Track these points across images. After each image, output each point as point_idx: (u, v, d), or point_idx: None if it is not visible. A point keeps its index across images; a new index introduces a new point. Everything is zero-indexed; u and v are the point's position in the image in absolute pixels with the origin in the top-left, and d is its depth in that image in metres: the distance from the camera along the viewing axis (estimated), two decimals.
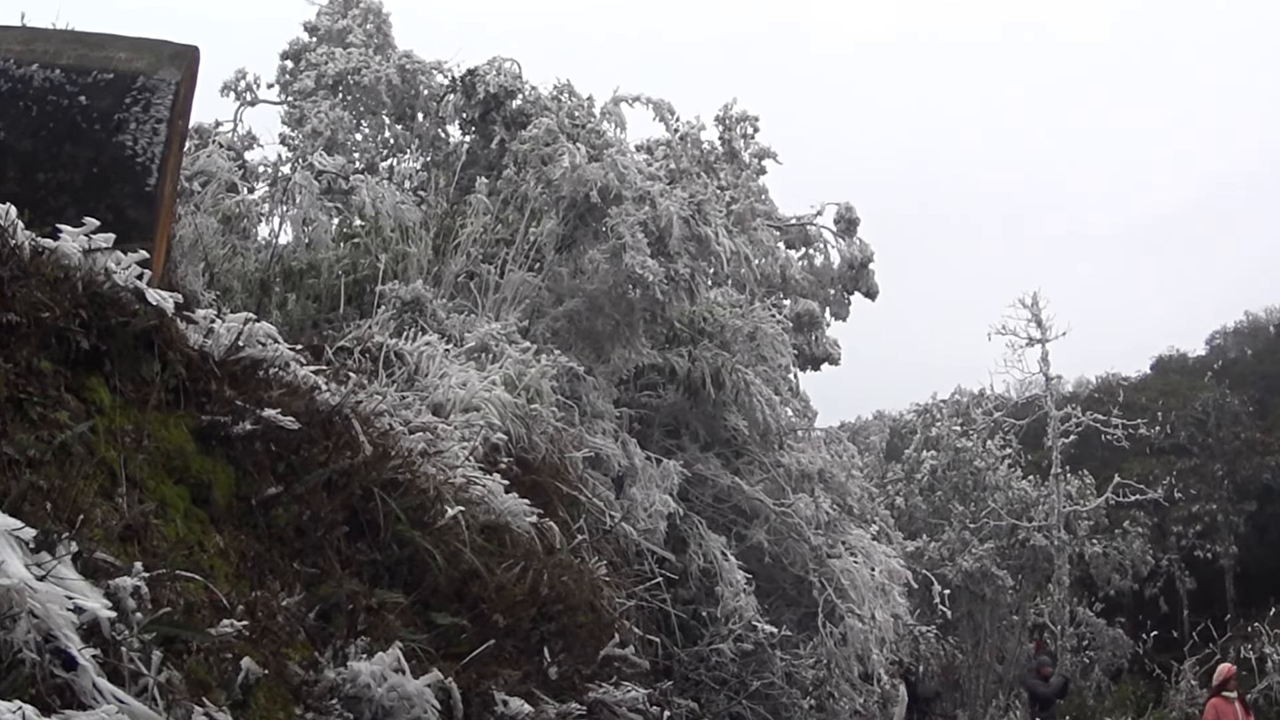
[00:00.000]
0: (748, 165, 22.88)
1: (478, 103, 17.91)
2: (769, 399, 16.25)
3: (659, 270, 13.41)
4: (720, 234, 14.44)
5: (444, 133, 19.99)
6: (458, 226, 14.04)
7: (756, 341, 16.92)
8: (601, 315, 14.06)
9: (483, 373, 10.23)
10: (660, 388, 15.81)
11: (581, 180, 13.87)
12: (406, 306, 12.09)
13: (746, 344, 16.76)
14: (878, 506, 27.47)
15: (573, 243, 14.25)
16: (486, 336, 11.38)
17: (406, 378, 9.69)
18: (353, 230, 14.21)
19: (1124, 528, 37.75)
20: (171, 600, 4.11)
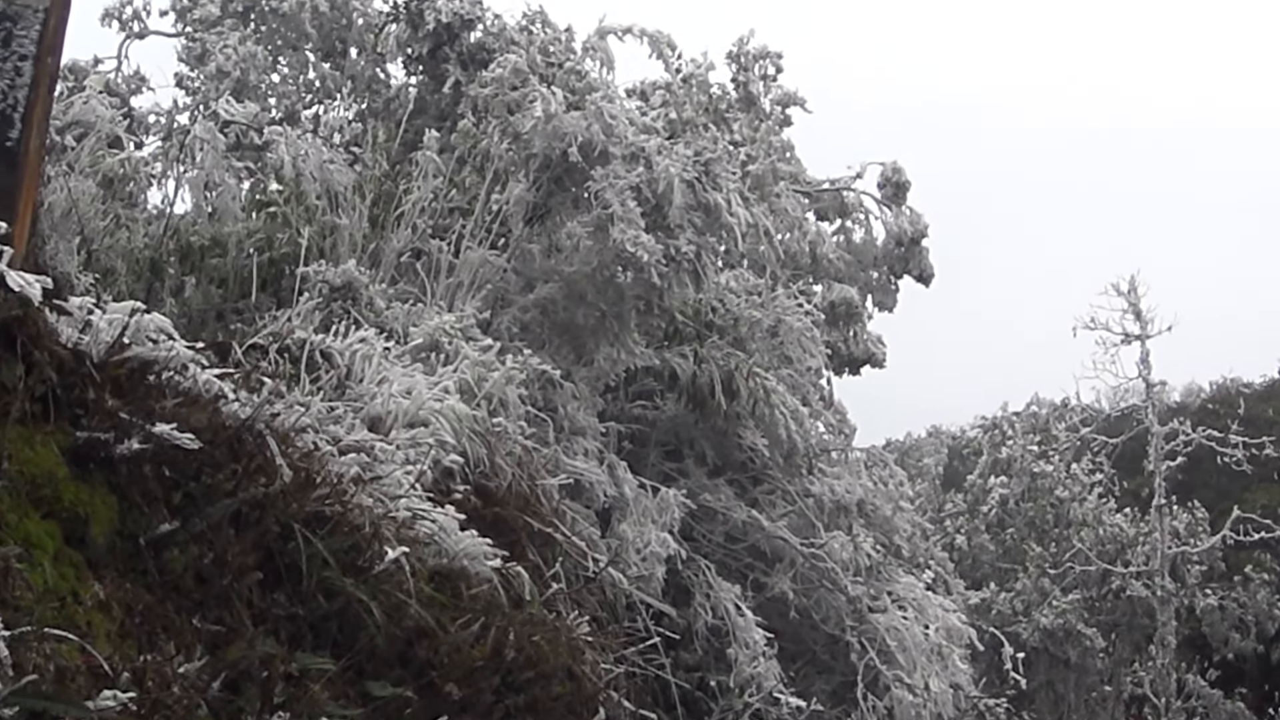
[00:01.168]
0: (768, 115, 22.93)
1: (426, 35, 17.94)
2: (795, 411, 16.27)
3: (655, 248, 13.44)
4: (733, 202, 14.47)
5: (384, 73, 20.02)
6: (401, 192, 14.06)
7: (779, 338, 16.94)
8: (583, 305, 14.06)
9: (432, 377, 10.24)
10: (658, 396, 15.81)
11: (558, 133, 13.89)
12: (336, 293, 12.10)
13: (767, 341, 16.77)
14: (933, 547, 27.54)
15: (547, 212, 14.26)
16: (437, 331, 11.38)
17: (336, 383, 9.69)
18: (268, 197, 14.22)
19: (1245, 574, 37.75)
20: (39, 665, 4.12)
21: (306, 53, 20.92)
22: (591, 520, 12.92)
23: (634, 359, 14.65)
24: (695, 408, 15.75)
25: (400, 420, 9.23)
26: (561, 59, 17.33)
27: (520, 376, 11.13)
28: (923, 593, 17.36)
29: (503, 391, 10.68)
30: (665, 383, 15.72)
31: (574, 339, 14.24)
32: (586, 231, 13.91)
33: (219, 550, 5.50)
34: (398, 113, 17.77)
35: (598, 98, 14.54)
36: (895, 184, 23.08)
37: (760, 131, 22.16)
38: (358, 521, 6.49)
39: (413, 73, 18.80)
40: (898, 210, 23.00)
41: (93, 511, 5.18)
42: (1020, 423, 40.29)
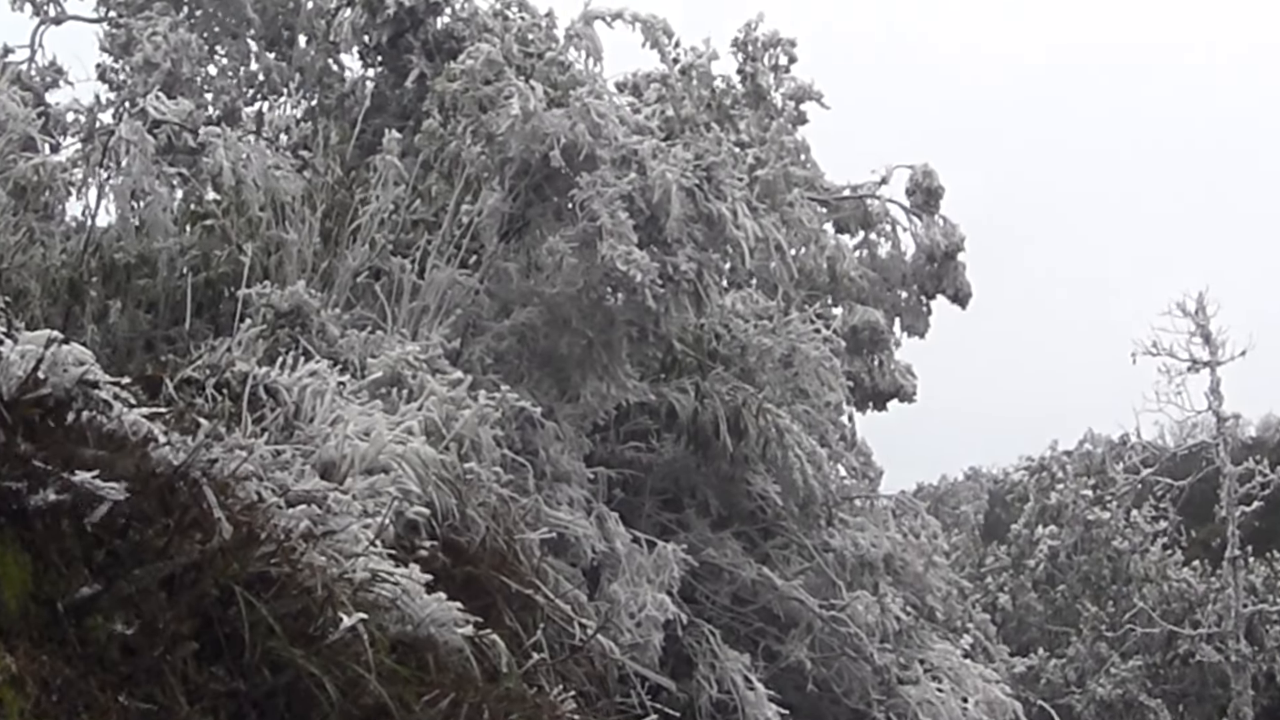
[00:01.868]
0: (779, 111, 22.97)
1: (386, 21, 18.01)
2: (812, 452, 16.27)
3: (650, 266, 13.46)
4: (740, 212, 14.50)
5: (337, 65, 20.07)
6: (357, 202, 14.08)
7: (794, 368, 16.95)
8: (567, 332, 14.08)
9: (394, 417, 10.25)
10: (654, 437, 15.81)
11: (537, 134, 13.92)
12: (283, 319, 12.11)
13: (779, 372, 16.79)
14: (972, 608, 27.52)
15: (525, 225, 14.28)
16: (399, 363, 11.39)
17: (283, 424, 9.71)
18: (204, 208, 14.23)
19: None
20: None
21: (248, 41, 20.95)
22: (578, 580, 12.90)
23: (626, 394, 14.66)
24: (697, 450, 15.74)
25: (357, 466, 9.24)
26: (542, 48, 17.40)
27: (495, 415, 11.14)
28: (960, 661, 17.35)
29: (475, 432, 10.69)
30: (662, 421, 15.71)
31: (557, 371, 14.25)
32: (571, 247, 13.93)
33: (149, 617, 5.51)
34: (353, 111, 17.79)
35: (583, 93, 14.56)
36: (926, 190, 23.12)
37: (771, 131, 22.18)
38: (308, 583, 6.49)
39: (370, 64, 18.86)
40: (929, 220, 23.03)
41: (3, 573, 5.19)
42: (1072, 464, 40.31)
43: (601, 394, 14.33)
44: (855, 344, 21.22)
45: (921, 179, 23.14)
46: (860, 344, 21.47)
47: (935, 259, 22.84)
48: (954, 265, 22.93)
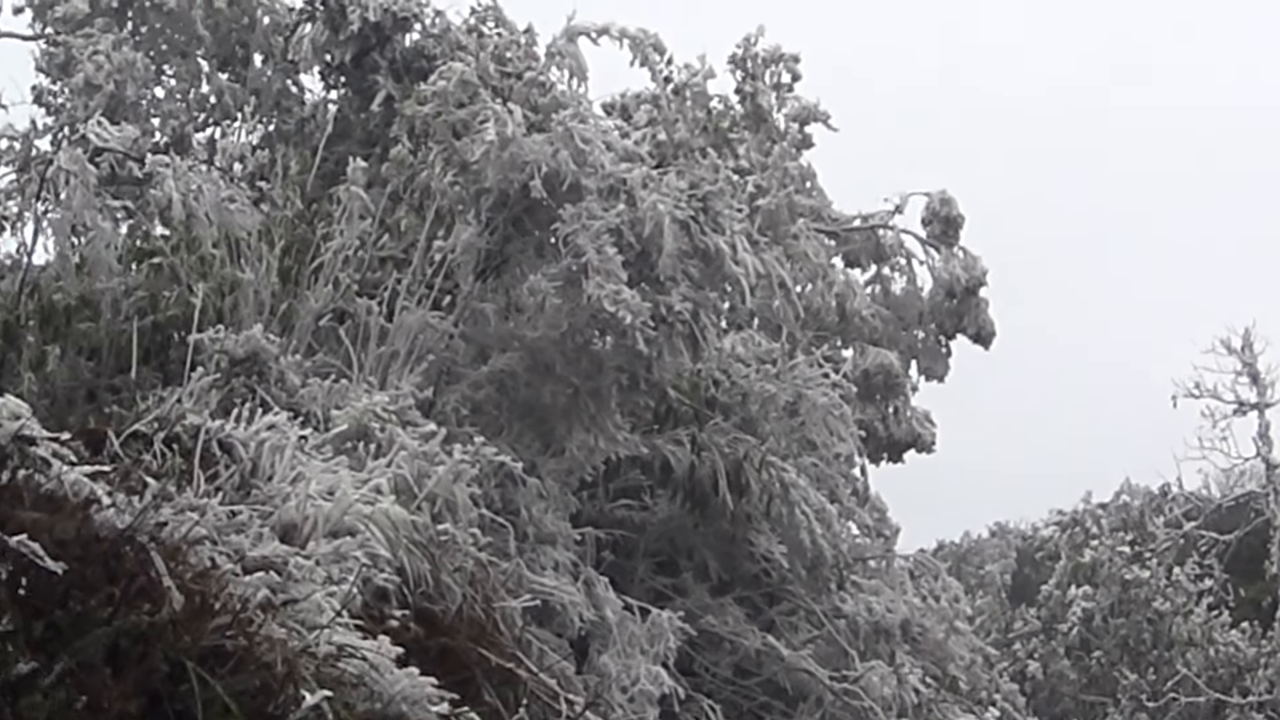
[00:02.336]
0: (782, 134, 23.03)
1: (350, 38, 18.05)
2: (820, 509, 16.29)
3: (641, 306, 13.49)
4: (740, 246, 14.55)
5: (296, 86, 20.14)
6: (319, 238, 14.10)
7: (800, 417, 16.96)
8: (551, 379, 14.09)
9: (361, 474, 10.25)
10: (647, 494, 15.82)
11: (516, 162, 13.97)
12: (238, 367, 12.12)
13: (784, 422, 16.80)
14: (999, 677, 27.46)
15: (503, 263, 14.32)
16: (366, 415, 11.40)
17: (239, 482, 9.71)
18: (152, 244, 14.24)
19: None
20: None
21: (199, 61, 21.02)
22: (564, 651, 12.89)
23: (616, 447, 14.67)
24: (694, 508, 15.74)
25: (320, 528, 9.24)
26: (520, 68, 17.41)
27: (472, 471, 11.14)
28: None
29: (450, 491, 10.68)
30: (656, 477, 15.72)
31: (540, 423, 14.25)
32: (554, 286, 13.96)
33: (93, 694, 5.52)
34: (314, 137, 17.81)
35: (566, 116, 14.61)
36: (944, 219, 23.18)
37: (773, 155, 22.23)
38: (267, 658, 6.50)
39: (333, 86, 18.89)
40: (948, 253, 23.09)
41: None
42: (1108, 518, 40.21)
43: (589, 447, 14.34)
44: (867, 389, 21.24)
45: (939, 207, 23.19)
46: (873, 389, 21.50)
47: (955, 295, 22.89)
48: (975, 302, 22.98)
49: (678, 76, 21.11)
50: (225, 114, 20.48)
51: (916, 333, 23.08)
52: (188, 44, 20.67)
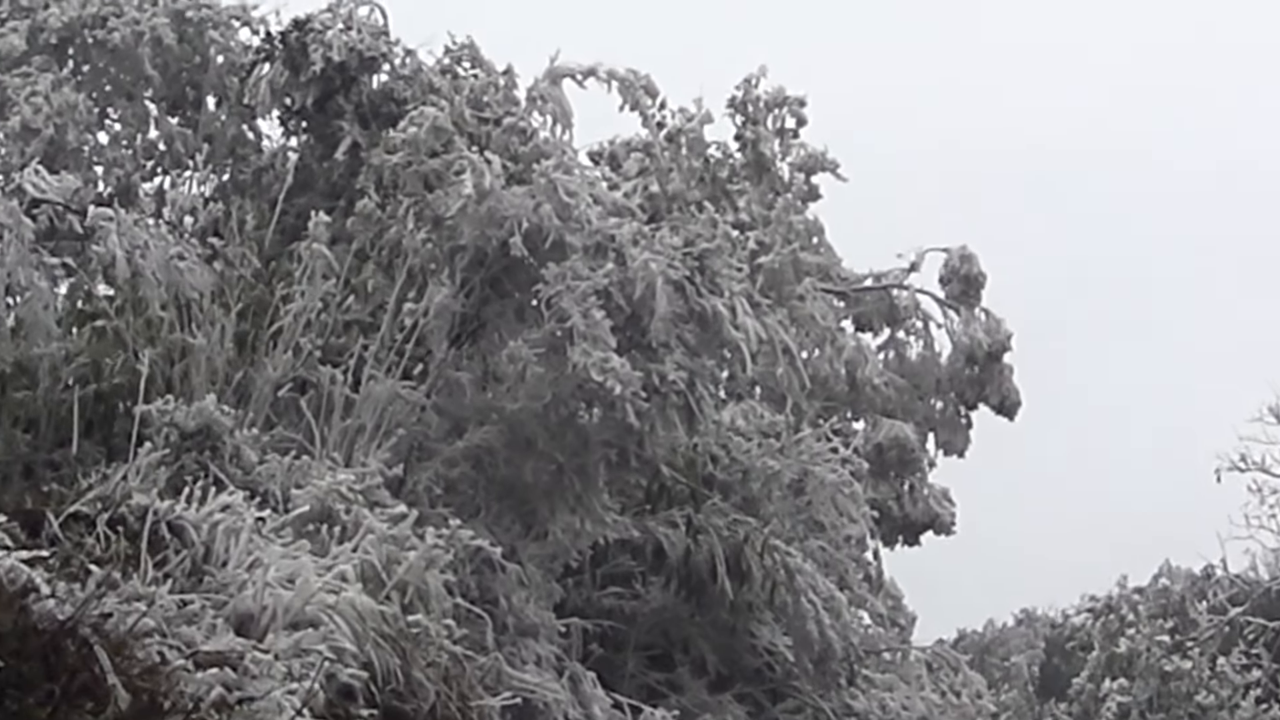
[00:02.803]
0: (787, 185, 23.02)
1: (312, 80, 18.07)
2: (829, 597, 16.27)
3: (632, 375, 13.51)
4: (740, 309, 14.58)
5: (253, 132, 20.12)
6: (278, 300, 14.12)
7: (806, 496, 16.96)
8: (533, 455, 14.10)
9: (324, 559, 10.25)
10: (638, 581, 15.80)
11: (495, 217, 14.01)
12: (189, 441, 12.12)
13: (789, 501, 16.80)
14: None
15: (480, 327, 14.34)
16: (330, 495, 11.40)
17: (190, 568, 9.70)
18: (94, 306, 14.26)
19: None
20: None
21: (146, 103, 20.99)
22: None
23: (604, 530, 14.67)
24: (690, 596, 15.72)
25: (280, 620, 9.23)
26: (499, 113, 17.46)
27: (446, 557, 11.14)
28: None
29: (422, 578, 10.69)
30: (648, 562, 15.71)
31: (521, 503, 14.25)
32: (536, 354, 13.99)
33: None
34: (273, 188, 17.84)
35: (550, 166, 14.65)
36: (964, 278, 23.18)
37: (776, 209, 22.24)
38: None
39: (293, 132, 18.89)
40: (969, 315, 23.08)
41: None
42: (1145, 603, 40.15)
43: (574, 530, 14.34)
44: (881, 465, 21.22)
45: (959, 265, 23.18)
46: (887, 465, 21.48)
47: (976, 361, 22.89)
48: (999, 368, 22.96)
49: (672, 122, 21.16)
50: (175, 162, 20.46)
51: (934, 402, 23.05)
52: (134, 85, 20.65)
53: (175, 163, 20.56)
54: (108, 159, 20.65)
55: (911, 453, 21.87)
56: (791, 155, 23.39)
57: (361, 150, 17.10)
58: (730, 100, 23.21)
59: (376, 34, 17.98)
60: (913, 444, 21.94)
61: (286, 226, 16.13)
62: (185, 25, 20.32)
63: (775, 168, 23.17)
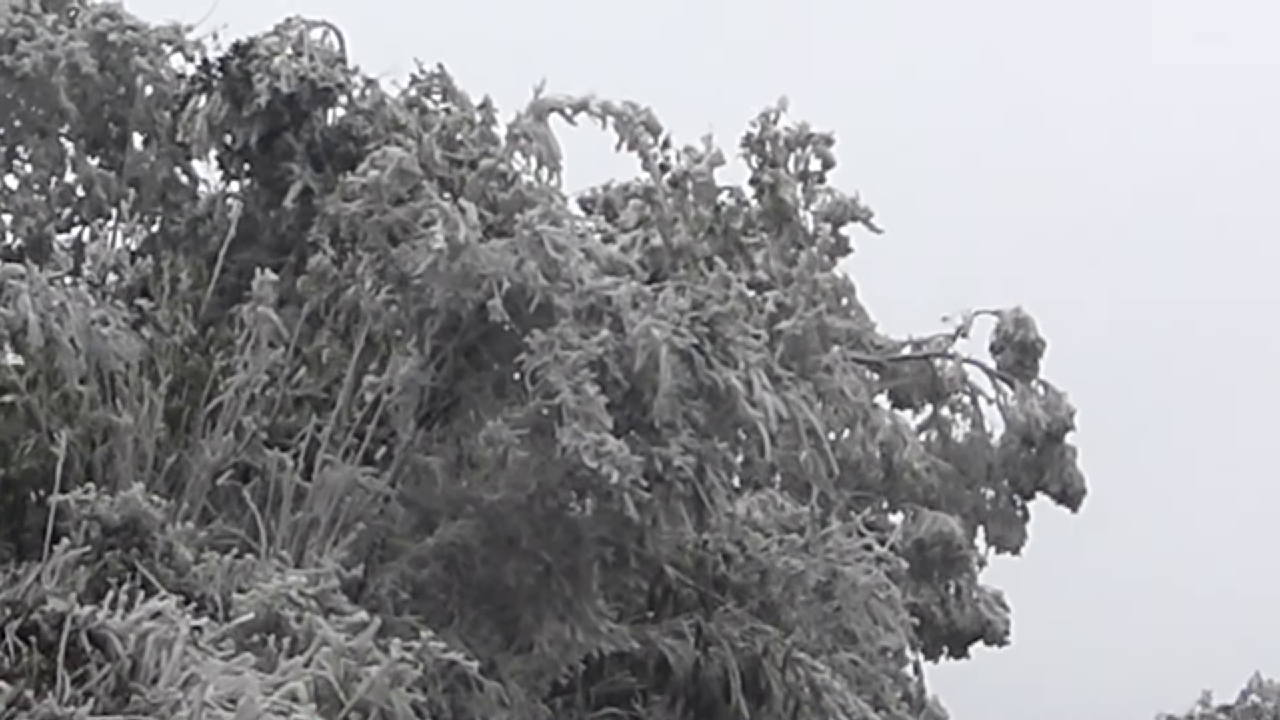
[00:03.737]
0: (812, 238, 23.07)
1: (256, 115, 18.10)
2: (863, 719, 16.27)
3: (631, 461, 13.55)
4: (756, 382, 14.62)
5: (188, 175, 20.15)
6: (217, 372, 14.17)
7: (835, 601, 16.97)
8: (515, 554, 14.13)
9: (272, 675, 10.28)
10: (639, 700, 15.81)
11: (470, 276, 14.07)
12: (113, 537, 12.14)
13: (815, 607, 16.81)
14: None
15: (454, 404, 14.38)
16: (278, 600, 11.43)
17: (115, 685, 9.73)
18: (4, 378, 14.29)
19: None
20: None
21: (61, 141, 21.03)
22: None
23: (598, 641, 14.68)
24: (700, 718, 15.71)
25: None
26: (475, 153, 17.49)
27: (414, 673, 11.16)
28: None
29: (385, 698, 10.72)
30: (650, 679, 15.71)
31: (501, 610, 14.27)
32: (519, 435, 14.02)
33: None
34: (211, 241, 17.84)
35: (534, 216, 14.72)
36: (1020, 345, 23.22)
37: (799, 265, 22.26)
38: None
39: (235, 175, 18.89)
40: (1024, 388, 23.11)
41: None
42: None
43: (564, 641, 14.35)
44: (922, 564, 21.23)
45: (1013, 330, 23.22)
46: (929, 564, 21.49)
47: (1034, 442, 22.90)
48: (1060, 450, 22.98)
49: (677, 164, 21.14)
50: (96, 210, 20.44)
51: (984, 491, 23.06)
52: (47, 120, 20.65)
53: (96, 211, 20.54)
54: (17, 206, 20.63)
55: (958, 550, 21.88)
56: (816, 202, 23.41)
57: (314, 197, 17.08)
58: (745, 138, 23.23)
59: (332, 61, 17.98)
60: (959, 539, 21.94)
61: (227, 286, 16.16)
62: (108, 50, 20.28)
63: (798, 217, 23.18)
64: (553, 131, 18.52)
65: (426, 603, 13.89)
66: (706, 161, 21.32)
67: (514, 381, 14.19)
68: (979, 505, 23.01)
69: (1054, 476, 22.99)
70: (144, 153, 20.49)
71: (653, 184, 20.81)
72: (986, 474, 23.11)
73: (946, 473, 22.77)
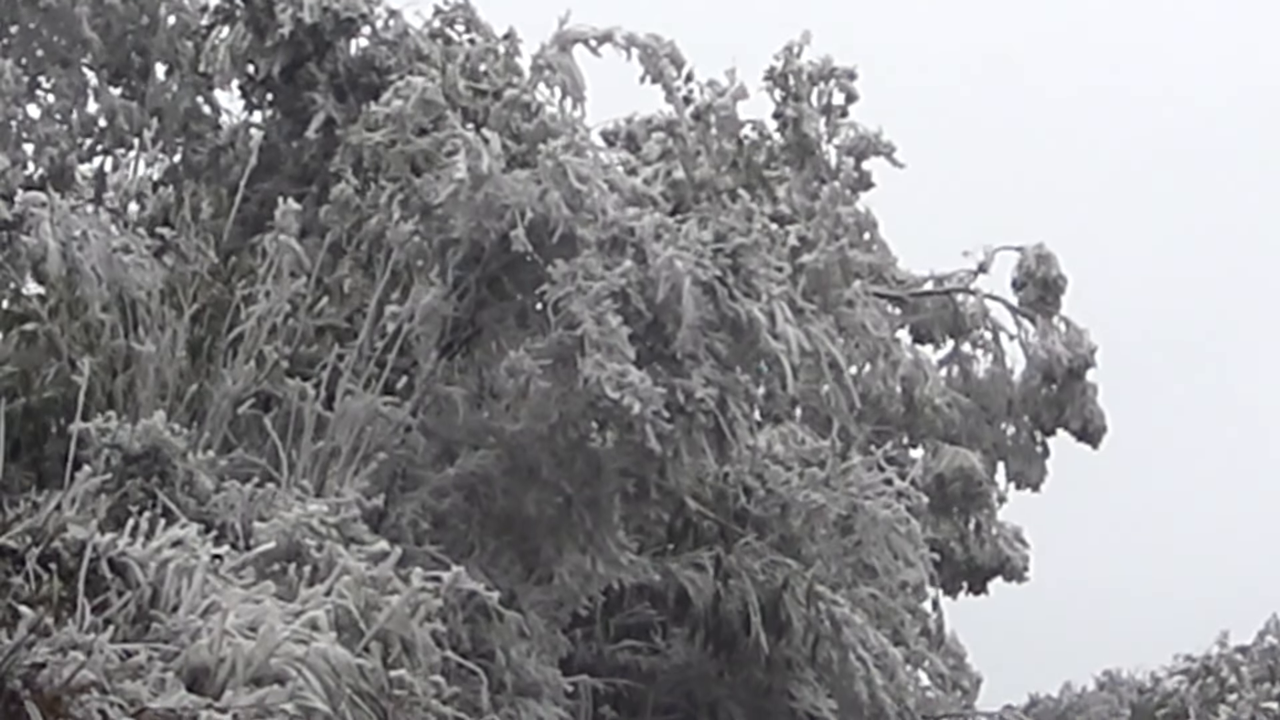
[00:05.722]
0: (834, 171, 23.03)
1: (279, 45, 18.07)
2: (881, 654, 16.26)
3: (653, 392, 13.51)
4: (779, 315, 14.57)
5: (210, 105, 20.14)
6: (239, 301, 14.13)
7: (855, 535, 16.95)
8: (535, 485, 14.10)
9: (292, 604, 10.25)
10: (658, 632, 15.81)
11: (493, 206, 14.02)
12: (134, 465, 12.13)
13: (835, 541, 16.79)
14: None
15: (476, 334, 14.34)
16: (299, 529, 11.40)
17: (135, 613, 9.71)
18: (24, 307, 14.27)
19: None
20: None
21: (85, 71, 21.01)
22: None
23: (619, 573, 14.66)
24: (719, 650, 15.72)
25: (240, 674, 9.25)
26: (499, 84, 17.46)
27: (435, 603, 11.13)
28: None
29: (406, 627, 10.68)
30: (670, 611, 15.71)
31: (521, 540, 14.25)
32: (540, 366, 13.99)
33: None
34: (233, 171, 17.85)
35: (558, 147, 14.66)
36: (1042, 281, 23.17)
37: (822, 199, 22.25)
38: None
39: (258, 105, 18.91)
40: (1046, 325, 23.08)
41: None
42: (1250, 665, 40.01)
43: (584, 573, 14.34)
44: (942, 499, 21.22)
45: (1035, 266, 23.17)
46: (949, 499, 21.48)
47: (1055, 379, 22.88)
48: (1081, 387, 22.95)
49: (700, 97, 21.14)
50: (118, 140, 20.47)
51: (1005, 427, 23.06)
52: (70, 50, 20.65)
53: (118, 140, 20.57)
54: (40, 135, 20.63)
55: (978, 485, 21.88)
56: (839, 136, 23.41)
57: (337, 127, 17.11)
58: (768, 72, 23.23)
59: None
60: (979, 475, 21.94)
61: (249, 215, 16.14)
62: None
63: (820, 151, 23.18)
64: (576, 63, 18.48)
65: (447, 533, 13.88)
66: (730, 95, 21.32)
67: (536, 312, 14.15)
68: (999, 441, 23.01)
69: (1075, 413, 22.97)
70: (166, 83, 20.49)
71: (676, 117, 20.79)
72: (1007, 410, 23.11)
73: (967, 408, 22.77)
